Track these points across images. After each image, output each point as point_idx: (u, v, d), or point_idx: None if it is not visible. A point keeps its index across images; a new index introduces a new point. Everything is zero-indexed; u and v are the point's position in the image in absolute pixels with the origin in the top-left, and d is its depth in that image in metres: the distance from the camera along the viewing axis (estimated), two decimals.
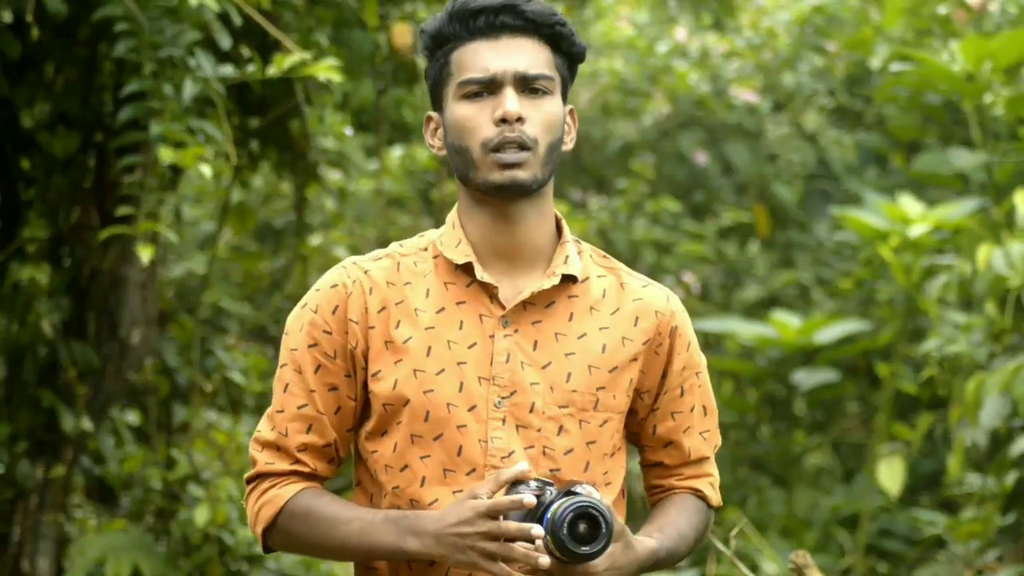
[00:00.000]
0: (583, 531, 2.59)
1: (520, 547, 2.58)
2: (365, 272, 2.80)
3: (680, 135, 9.89)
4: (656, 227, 9.57)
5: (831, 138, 9.75)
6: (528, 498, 2.57)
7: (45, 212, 5.94)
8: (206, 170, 4.85)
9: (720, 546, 4.11)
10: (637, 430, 2.87)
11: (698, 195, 9.97)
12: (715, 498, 2.92)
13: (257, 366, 7.04)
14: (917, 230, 7.64)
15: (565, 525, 2.57)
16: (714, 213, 9.88)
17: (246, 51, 5.50)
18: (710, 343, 9.27)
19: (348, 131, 6.22)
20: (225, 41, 5.13)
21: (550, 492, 2.62)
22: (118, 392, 6.17)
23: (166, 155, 4.78)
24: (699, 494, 2.89)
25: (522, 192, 2.74)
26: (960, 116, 7.87)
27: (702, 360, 2.90)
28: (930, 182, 8.96)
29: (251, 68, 5.20)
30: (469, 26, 2.75)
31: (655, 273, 9.04)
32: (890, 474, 7.68)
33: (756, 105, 9.81)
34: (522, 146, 2.72)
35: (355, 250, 7.56)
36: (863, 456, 8.78)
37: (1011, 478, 6.59)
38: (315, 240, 7.44)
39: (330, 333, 2.78)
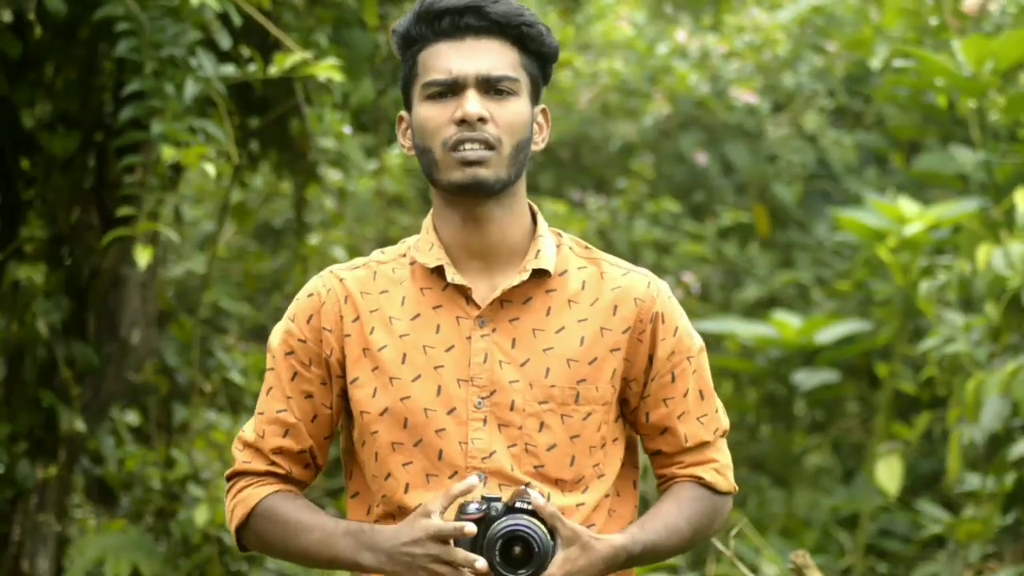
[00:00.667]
0: (518, 554, 2.60)
1: (466, 572, 2.60)
2: (340, 280, 2.81)
3: (680, 135, 9.87)
4: (656, 227, 9.56)
5: (831, 138, 9.74)
6: (469, 527, 2.59)
7: (45, 212, 5.94)
8: (210, 169, 4.85)
9: (720, 546, 4.11)
10: (633, 419, 2.86)
11: (698, 195, 9.96)
12: (722, 483, 2.86)
13: (257, 366, 7.04)
14: (912, 228, 7.64)
15: (497, 551, 2.59)
16: (714, 213, 9.87)
17: (246, 51, 5.50)
18: (710, 343, 9.25)
19: (347, 130, 6.21)
20: (225, 41, 5.14)
21: (495, 509, 2.62)
22: (118, 392, 6.17)
23: (168, 154, 4.78)
24: (701, 481, 2.84)
25: (485, 192, 2.73)
26: (960, 116, 7.86)
27: (695, 344, 2.86)
28: (930, 182, 8.96)
29: (252, 68, 5.20)
30: (434, 27, 2.74)
31: (655, 273, 9.00)
32: (888, 473, 7.67)
33: (756, 106, 9.81)
34: (487, 145, 2.71)
35: (355, 250, 7.56)
36: (863, 456, 8.78)
37: (1011, 478, 6.59)
38: (315, 240, 7.44)
39: (305, 342, 2.80)
